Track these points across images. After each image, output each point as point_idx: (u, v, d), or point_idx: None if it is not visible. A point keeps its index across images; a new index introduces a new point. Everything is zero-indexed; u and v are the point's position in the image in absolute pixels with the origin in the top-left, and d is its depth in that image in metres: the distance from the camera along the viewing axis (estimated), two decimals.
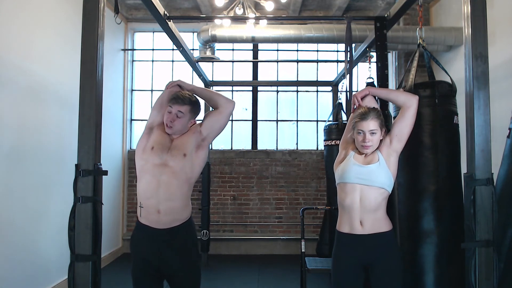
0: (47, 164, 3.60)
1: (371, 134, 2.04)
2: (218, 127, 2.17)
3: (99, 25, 1.89)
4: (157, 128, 2.14)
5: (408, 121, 2.09)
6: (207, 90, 2.30)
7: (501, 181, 2.50)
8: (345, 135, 2.25)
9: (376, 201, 2.02)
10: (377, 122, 2.05)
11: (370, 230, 2.02)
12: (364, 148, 2.06)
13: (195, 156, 2.08)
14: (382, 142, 2.10)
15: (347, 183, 2.06)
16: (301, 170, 5.75)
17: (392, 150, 2.09)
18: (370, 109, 2.09)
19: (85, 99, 1.85)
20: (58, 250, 3.62)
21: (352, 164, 2.07)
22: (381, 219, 2.04)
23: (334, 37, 4.55)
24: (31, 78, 3.39)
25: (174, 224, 2.02)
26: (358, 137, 2.07)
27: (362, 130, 2.04)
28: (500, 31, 3.57)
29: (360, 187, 2.02)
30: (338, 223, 2.13)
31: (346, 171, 2.07)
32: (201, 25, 4.94)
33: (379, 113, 2.10)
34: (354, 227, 2.04)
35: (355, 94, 2.24)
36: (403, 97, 2.13)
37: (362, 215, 2.02)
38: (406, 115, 2.09)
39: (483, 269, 1.82)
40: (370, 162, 2.06)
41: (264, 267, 4.91)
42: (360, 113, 2.08)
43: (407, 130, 2.10)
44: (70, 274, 1.78)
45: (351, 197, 2.04)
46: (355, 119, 2.08)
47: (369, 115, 2.04)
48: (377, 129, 2.05)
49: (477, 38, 1.89)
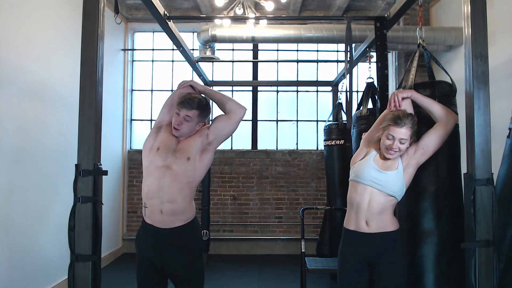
0: (47, 164, 3.60)
1: (400, 142, 1.97)
2: (226, 132, 2.15)
3: (99, 25, 1.88)
4: (165, 128, 2.15)
5: (439, 139, 2.03)
6: (219, 93, 2.24)
7: (501, 181, 2.50)
8: (371, 133, 2.18)
9: (384, 206, 2.02)
10: (410, 131, 1.98)
11: (376, 229, 2.03)
12: (388, 153, 2.01)
13: (199, 160, 2.08)
14: (407, 150, 2.04)
15: (361, 183, 2.04)
16: (301, 170, 5.75)
17: (414, 162, 2.04)
18: (407, 115, 2.00)
19: (85, 99, 1.84)
20: (58, 250, 3.62)
21: (371, 166, 2.04)
22: (387, 220, 2.05)
23: (334, 37, 4.54)
24: (31, 78, 3.39)
25: (177, 224, 2.04)
26: (386, 141, 2.00)
27: (393, 136, 1.97)
28: (500, 31, 3.57)
29: (372, 190, 2.02)
30: (346, 220, 2.13)
31: (362, 171, 2.04)
32: (201, 25, 4.94)
33: (415, 122, 2.02)
34: (360, 226, 2.05)
35: (397, 92, 2.12)
36: (443, 113, 2.04)
37: (368, 216, 2.03)
38: (440, 132, 2.03)
39: (483, 269, 1.82)
40: (388, 169, 2.02)
41: (264, 267, 4.91)
42: (395, 117, 1.99)
43: (434, 148, 2.05)
44: (70, 274, 1.78)
45: (361, 197, 2.03)
46: (389, 121, 2.00)
47: (405, 122, 1.97)
48: (408, 139, 1.98)
49: (477, 38, 1.88)
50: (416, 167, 2.06)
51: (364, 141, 2.19)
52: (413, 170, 2.06)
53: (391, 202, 2.03)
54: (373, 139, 2.15)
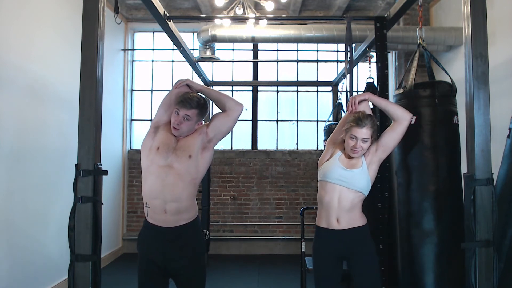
0: (47, 164, 3.60)
1: (363, 142, 2.09)
2: (225, 129, 2.17)
3: (99, 25, 1.88)
4: (163, 128, 2.14)
5: (397, 135, 2.16)
6: (216, 91, 2.25)
7: (501, 181, 2.50)
8: (335, 135, 2.30)
9: (353, 203, 2.13)
10: (371, 131, 2.10)
11: (346, 225, 2.13)
12: (353, 153, 2.13)
13: (200, 157, 2.09)
14: (369, 148, 2.16)
15: (328, 182, 2.15)
16: (301, 170, 5.75)
17: (376, 159, 2.17)
18: (367, 116, 2.12)
19: (85, 99, 1.84)
20: (59, 250, 3.62)
21: (337, 165, 2.15)
22: (356, 217, 2.16)
23: (334, 37, 4.55)
24: (31, 78, 3.39)
25: (181, 223, 2.04)
26: (349, 141, 2.12)
27: (356, 136, 2.09)
28: (500, 31, 3.57)
29: (340, 188, 2.12)
30: (317, 218, 2.24)
31: (329, 171, 2.15)
32: (201, 25, 4.95)
33: (374, 122, 2.14)
34: (331, 223, 2.15)
35: (354, 96, 2.25)
36: (399, 112, 2.16)
37: (339, 213, 2.13)
38: (397, 129, 2.15)
39: (483, 269, 1.82)
40: (353, 167, 2.14)
41: (264, 267, 4.91)
42: (356, 118, 2.11)
43: (393, 144, 2.18)
44: (70, 274, 1.78)
45: (330, 196, 2.14)
46: (351, 123, 2.12)
47: (365, 123, 2.09)
48: (369, 138, 2.10)
49: (477, 38, 1.89)
50: (379, 163, 2.19)
51: (329, 143, 2.30)
52: (376, 166, 2.19)
53: (359, 198, 2.14)
54: (337, 140, 2.26)
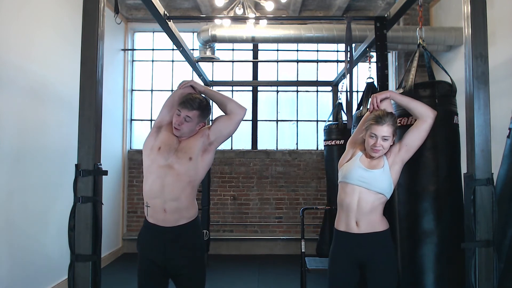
0: (47, 164, 3.60)
1: (383, 140, 2.03)
2: (226, 132, 2.17)
3: (99, 25, 1.88)
4: (165, 128, 2.15)
5: (421, 134, 2.08)
6: (220, 94, 2.25)
7: (501, 181, 2.50)
8: (355, 135, 2.24)
9: (373, 205, 2.05)
10: (392, 128, 2.04)
11: (365, 229, 2.06)
12: (373, 152, 2.06)
13: (200, 160, 2.09)
14: (391, 148, 2.09)
15: (349, 183, 2.08)
16: (301, 170, 5.75)
17: (399, 159, 2.09)
18: (387, 113, 2.06)
19: (85, 99, 1.84)
20: (59, 250, 3.62)
21: (357, 166, 2.08)
22: (377, 220, 2.08)
23: (334, 37, 4.55)
24: (31, 78, 3.39)
25: (181, 222, 2.05)
26: (369, 140, 2.06)
27: (376, 134, 2.03)
28: (500, 31, 3.57)
29: (360, 189, 2.05)
30: (336, 221, 2.17)
31: (349, 172, 2.09)
32: (201, 25, 4.95)
33: (395, 119, 2.08)
34: (350, 226, 2.08)
35: (375, 94, 2.18)
36: (422, 109, 2.09)
37: (358, 216, 2.06)
38: (421, 128, 2.08)
39: (483, 269, 1.82)
40: (375, 167, 2.07)
41: (264, 267, 4.91)
42: (376, 116, 2.05)
43: (418, 143, 2.10)
44: (70, 274, 1.78)
45: (350, 198, 2.07)
46: (370, 121, 2.06)
47: (385, 120, 2.02)
48: (390, 136, 2.04)
49: (477, 38, 1.88)
50: (401, 164, 2.11)
51: (350, 143, 2.25)
52: (399, 168, 2.11)
53: (380, 200, 2.07)
54: (357, 140, 2.21)
